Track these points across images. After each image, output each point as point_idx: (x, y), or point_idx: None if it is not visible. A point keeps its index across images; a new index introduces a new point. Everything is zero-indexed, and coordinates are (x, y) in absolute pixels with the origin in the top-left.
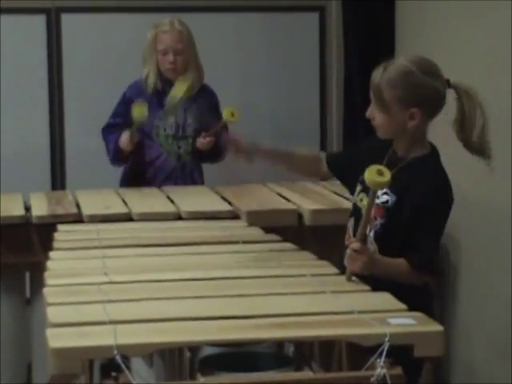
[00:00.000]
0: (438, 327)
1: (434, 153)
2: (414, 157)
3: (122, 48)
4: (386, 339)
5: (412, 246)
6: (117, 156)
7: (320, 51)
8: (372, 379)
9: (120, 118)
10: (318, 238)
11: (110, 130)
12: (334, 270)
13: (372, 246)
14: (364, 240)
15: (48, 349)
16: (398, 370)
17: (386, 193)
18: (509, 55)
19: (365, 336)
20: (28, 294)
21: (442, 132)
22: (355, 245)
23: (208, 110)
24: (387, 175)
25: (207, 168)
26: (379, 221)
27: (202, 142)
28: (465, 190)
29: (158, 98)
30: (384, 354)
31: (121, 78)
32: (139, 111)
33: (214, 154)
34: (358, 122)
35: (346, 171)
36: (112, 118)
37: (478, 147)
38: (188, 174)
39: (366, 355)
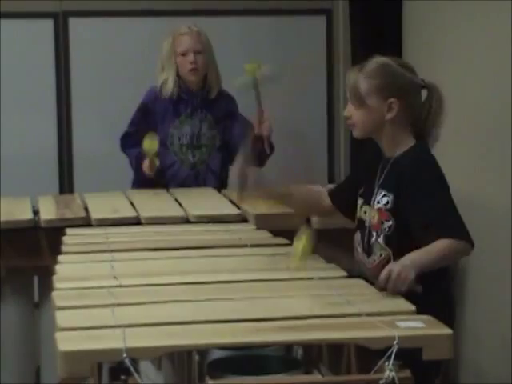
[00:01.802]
0: (446, 330)
1: (419, 144)
2: (399, 153)
3: (130, 52)
4: (395, 342)
5: (434, 220)
6: (139, 173)
7: (327, 54)
8: (381, 382)
9: (135, 127)
10: (325, 241)
11: (126, 141)
12: (342, 273)
13: (384, 252)
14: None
15: (57, 352)
16: (407, 373)
17: (384, 195)
18: (509, 54)
19: (373, 339)
20: (36, 297)
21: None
22: (396, 270)
23: (224, 117)
24: None
25: None
26: (386, 224)
27: (266, 125)
28: (472, 193)
29: (173, 106)
30: (393, 356)
31: (128, 81)
32: (149, 145)
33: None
34: None
35: (349, 201)
36: (128, 127)
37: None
38: (201, 182)
39: (375, 358)
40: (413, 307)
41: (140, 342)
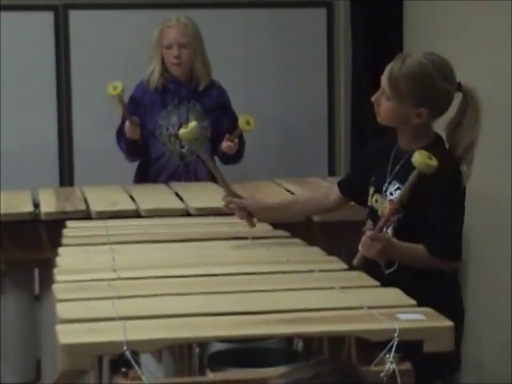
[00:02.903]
0: (447, 322)
1: (437, 141)
2: (417, 147)
3: (130, 45)
4: (396, 334)
5: (430, 232)
6: (129, 150)
7: (328, 47)
8: (381, 374)
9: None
10: (326, 233)
11: (119, 134)
12: (343, 265)
13: None
14: (380, 231)
15: (58, 345)
16: (408, 365)
17: (399, 188)
18: (509, 54)
19: (374, 331)
20: (37, 290)
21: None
22: (369, 233)
23: (215, 108)
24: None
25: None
26: (396, 216)
27: (230, 145)
28: (473, 187)
29: (161, 97)
30: (393, 349)
31: (129, 74)
32: (113, 88)
33: (238, 155)
34: (366, 120)
35: (360, 189)
36: (121, 122)
37: (461, 155)
38: (192, 173)
39: (376, 350)
40: (413, 301)
41: (140, 335)
